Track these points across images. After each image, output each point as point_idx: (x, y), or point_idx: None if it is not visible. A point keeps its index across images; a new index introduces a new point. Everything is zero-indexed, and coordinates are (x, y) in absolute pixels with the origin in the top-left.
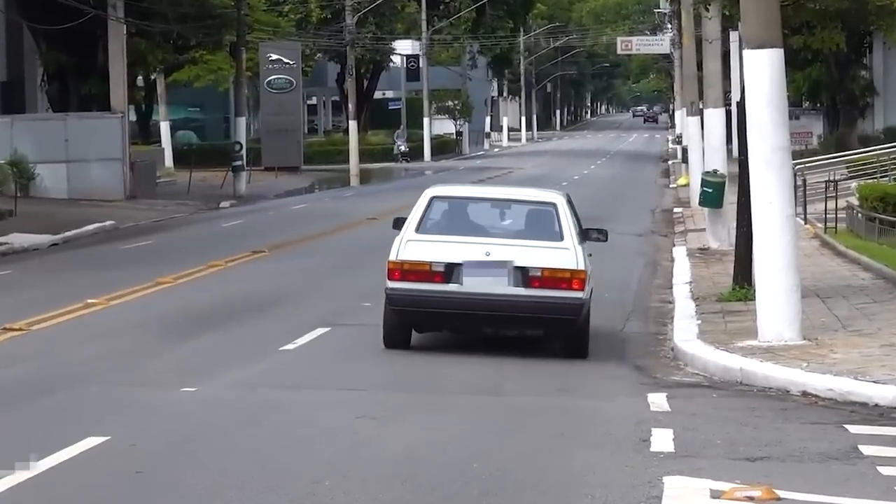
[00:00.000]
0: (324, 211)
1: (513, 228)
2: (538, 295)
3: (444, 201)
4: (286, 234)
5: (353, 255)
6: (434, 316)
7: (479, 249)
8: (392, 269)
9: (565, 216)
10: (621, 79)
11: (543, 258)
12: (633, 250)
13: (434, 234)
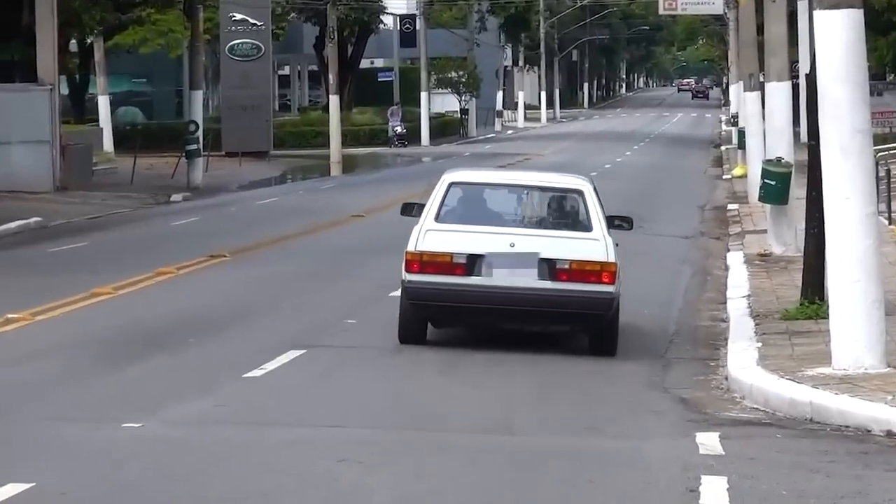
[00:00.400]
0: (298, 206)
1: (538, 217)
2: (566, 289)
3: (464, 187)
4: (252, 234)
5: (335, 261)
6: (455, 310)
7: (503, 240)
8: (410, 260)
9: (593, 204)
10: (664, 45)
11: (571, 250)
12: (677, 257)
13: (455, 224)
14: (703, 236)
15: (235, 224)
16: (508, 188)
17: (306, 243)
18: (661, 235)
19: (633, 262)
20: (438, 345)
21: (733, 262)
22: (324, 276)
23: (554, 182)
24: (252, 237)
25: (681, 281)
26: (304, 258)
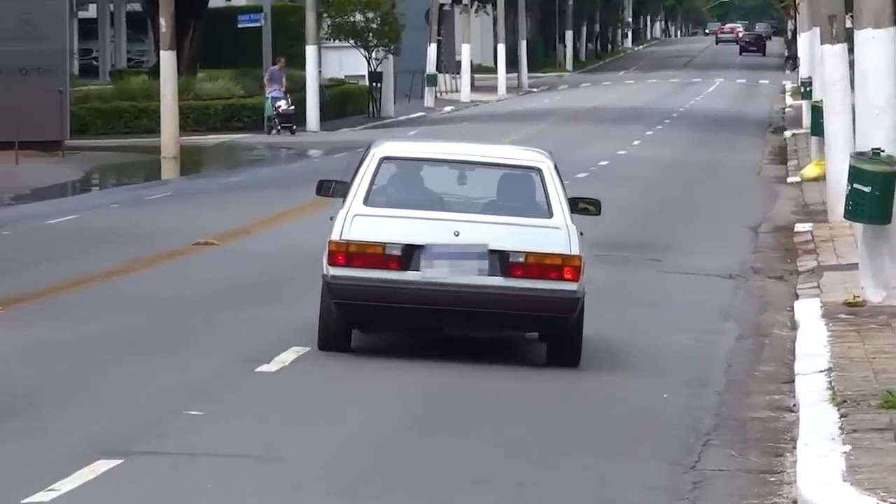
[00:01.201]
0: (112, 229)
1: (487, 200)
2: (521, 286)
3: (398, 163)
4: (37, 274)
5: (171, 318)
6: (387, 311)
7: (445, 228)
8: (335, 251)
9: (553, 185)
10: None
11: (528, 240)
12: (717, 308)
13: (388, 208)
14: (757, 275)
15: (9, 258)
16: (452, 164)
17: (124, 289)
18: (691, 273)
19: (648, 315)
20: (341, 420)
21: (804, 317)
22: (153, 342)
23: (507, 157)
24: (36, 279)
25: (722, 347)
26: (120, 313)
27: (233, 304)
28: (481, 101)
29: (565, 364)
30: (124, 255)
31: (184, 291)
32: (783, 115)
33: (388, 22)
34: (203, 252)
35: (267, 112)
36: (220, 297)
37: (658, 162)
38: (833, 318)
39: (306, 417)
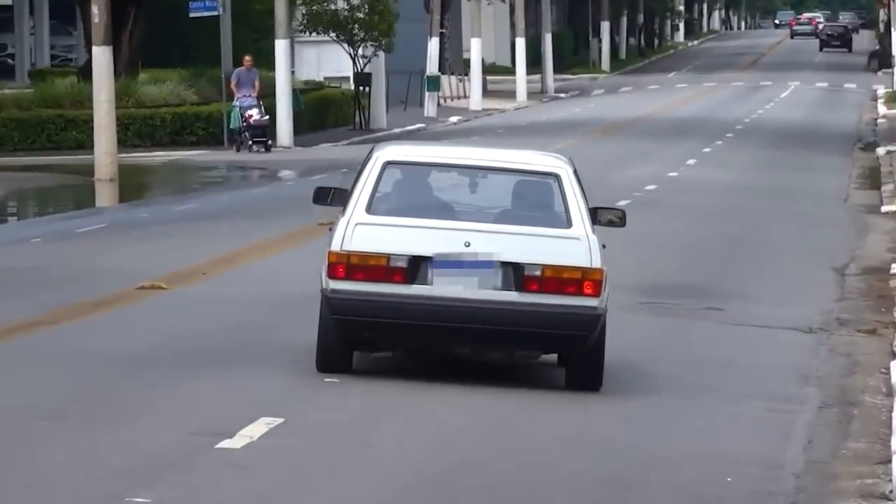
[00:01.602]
0: (30, 269)
1: (501, 208)
2: (538, 302)
3: (404, 168)
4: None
5: (105, 379)
6: (391, 328)
7: (455, 238)
8: (335, 263)
9: (573, 192)
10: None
11: (545, 251)
12: (793, 369)
13: (392, 216)
14: (844, 328)
15: None
16: (463, 170)
17: (49, 344)
18: (761, 326)
19: (707, 378)
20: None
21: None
22: (87, 411)
23: (522, 162)
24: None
25: (800, 418)
26: (45, 375)
27: (186, 363)
28: (495, 110)
29: (585, 388)
30: (50, 301)
31: (125, 347)
32: (875, 128)
33: (377, 10)
34: (149, 298)
35: (233, 124)
36: (170, 354)
37: (718, 186)
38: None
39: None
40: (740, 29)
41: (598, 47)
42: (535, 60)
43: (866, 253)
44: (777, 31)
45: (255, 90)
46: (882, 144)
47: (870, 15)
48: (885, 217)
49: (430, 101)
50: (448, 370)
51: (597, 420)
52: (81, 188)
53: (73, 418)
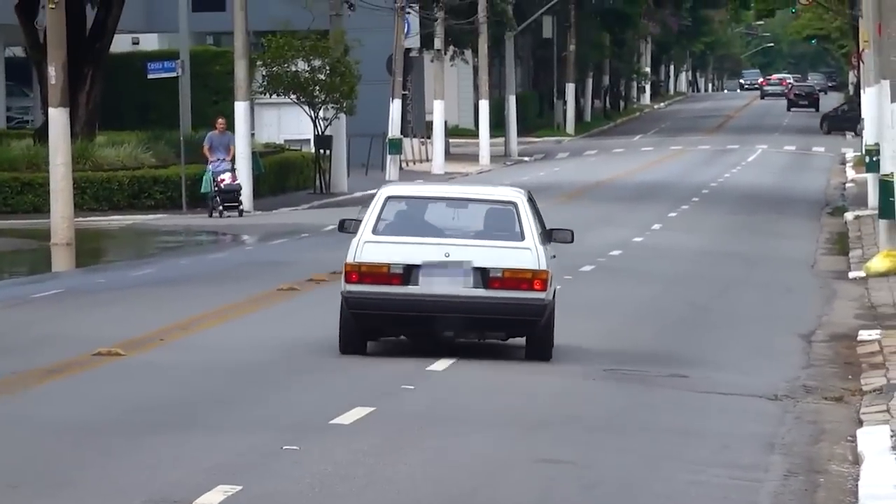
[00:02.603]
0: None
1: (472, 228)
2: (499, 296)
3: (401, 201)
4: None
5: (58, 449)
6: (392, 319)
7: (438, 250)
8: (349, 271)
9: (526, 216)
10: (730, 8)
11: (504, 258)
12: (758, 436)
13: (391, 236)
14: (811, 395)
15: None
16: (444, 201)
17: (0, 412)
18: (726, 394)
19: (671, 446)
20: None
21: (870, 449)
22: (41, 480)
23: (488, 194)
24: None
25: (765, 487)
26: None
27: (143, 430)
28: (458, 173)
29: (539, 359)
30: (4, 368)
31: (81, 414)
32: (843, 192)
33: (339, 72)
34: (105, 365)
35: (205, 188)
36: (126, 421)
37: (685, 252)
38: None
39: None
40: (707, 91)
41: (562, 109)
42: (498, 123)
43: (833, 319)
44: (744, 94)
45: (228, 154)
46: (850, 209)
47: (840, 77)
48: (853, 283)
49: (392, 164)
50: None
51: (558, 489)
52: (37, 253)
53: (28, 486)
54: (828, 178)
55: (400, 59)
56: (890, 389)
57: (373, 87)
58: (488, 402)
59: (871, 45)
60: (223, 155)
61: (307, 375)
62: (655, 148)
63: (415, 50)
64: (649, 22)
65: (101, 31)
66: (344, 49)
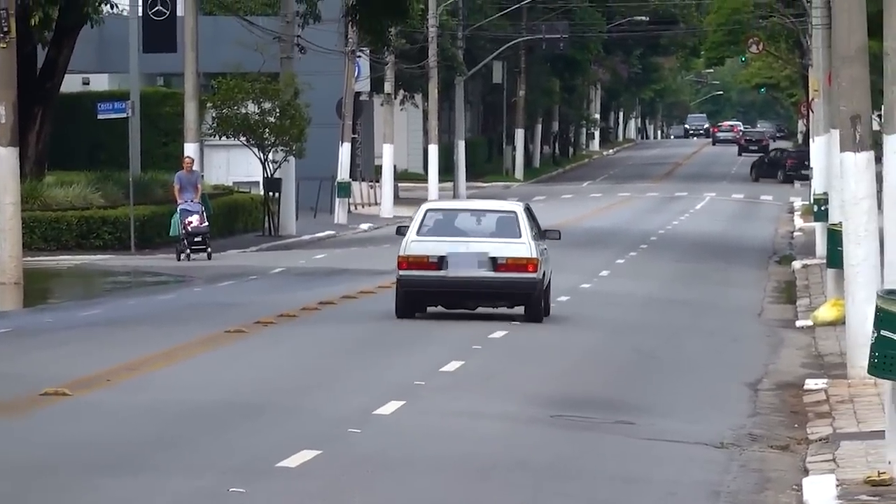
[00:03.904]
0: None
1: (486, 230)
2: (504, 276)
3: (437, 212)
4: None
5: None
6: (430, 294)
7: (462, 246)
8: (401, 261)
9: (523, 220)
10: (679, 56)
11: (507, 250)
12: (704, 484)
13: (429, 236)
14: (756, 444)
15: None
16: (467, 212)
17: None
18: (672, 441)
19: (615, 495)
20: None
21: (816, 498)
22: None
23: (497, 207)
24: None
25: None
26: None
27: (89, 471)
28: (407, 217)
29: (533, 321)
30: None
31: (26, 455)
32: (791, 241)
33: (289, 115)
34: (52, 405)
35: (173, 231)
36: (72, 463)
37: (632, 299)
38: (852, 499)
39: None
40: (656, 138)
41: (511, 155)
42: (447, 167)
43: (780, 368)
44: (692, 141)
45: (197, 193)
46: (798, 258)
47: (788, 126)
48: (800, 332)
49: (341, 207)
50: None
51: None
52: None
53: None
54: (776, 227)
55: (350, 103)
56: (836, 439)
57: (322, 131)
58: (435, 446)
59: (821, 94)
60: (191, 195)
61: (254, 418)
62: (604, 194)
63: (365, 94)
64: (599, 69)
65: (52, 70)
66: (294, 92)
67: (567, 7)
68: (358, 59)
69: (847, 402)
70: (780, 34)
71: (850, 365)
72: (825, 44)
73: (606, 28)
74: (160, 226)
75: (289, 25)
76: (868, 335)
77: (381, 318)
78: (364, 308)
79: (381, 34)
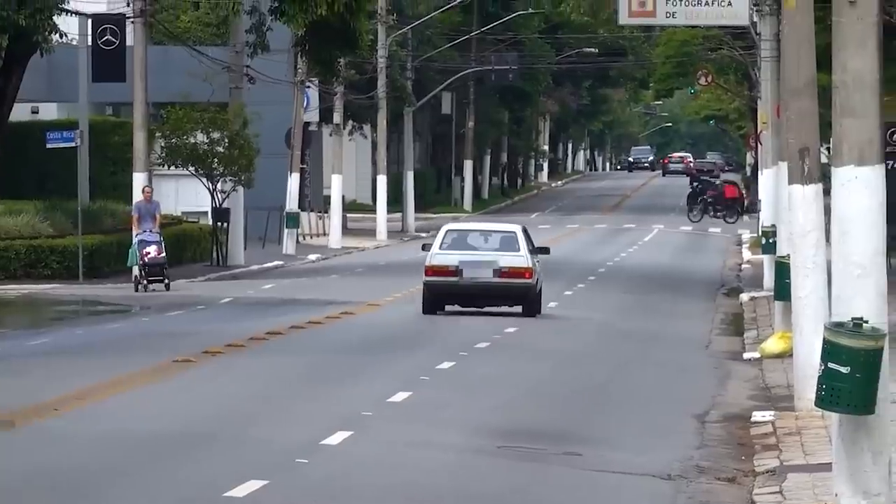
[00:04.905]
0: None
1: (493, 246)
2: (507, 281)
3: (454, 232)
4: None
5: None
6: (449, 295)
7: (475, 257)
8: (427, 269)
9: (521, 238)
10: (630, 88)
11: (509, 261)
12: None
13: (449, 250)
14: (703, 476)
15: None
16: (478, 232)
17: None
18: (619, 472)
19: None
20: None
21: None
22: None
23: (501, 228)
24: None
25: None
26: None
27: (34, 500)
28: (355, 248)
29: (529, 316)
30: None
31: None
32: (739, 273)
33: (238, 145)
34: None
35: (130, 262)
36: (18, 491)
37: (580, 330)
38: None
39: None
40: (605, 170)
41: (460, 186)
42: (396, 198)
43: (727, 400)
44: (644, 174)
45: (155, 223)
46: (745, 290)
47: (737, 158)
48: (748, 364)
49: (290, 238)
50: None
51: None
52: None
53: None
54: (724, 259)
55: (299, 133)
56: (783, 471)
57: (271, 161)
58: (383, 477)
59: (770, 126)
60: (150, 224)
61: (202, 447)
62: (553, 226)
63: (314, 124)
64: (548, 100)
65: (1, 99)
66: (243, 122)
67: (516, 38)
68: (307, 90)
69: (794, 434)
70: (728, 66)
71: (797, 397)
72: (774, 76)
73: (556, 59)
74: (108, 255)
75: (238, 55)
76: (815, 367)
77: (329, 349)
78: (312, 339)
79: (331, 65)
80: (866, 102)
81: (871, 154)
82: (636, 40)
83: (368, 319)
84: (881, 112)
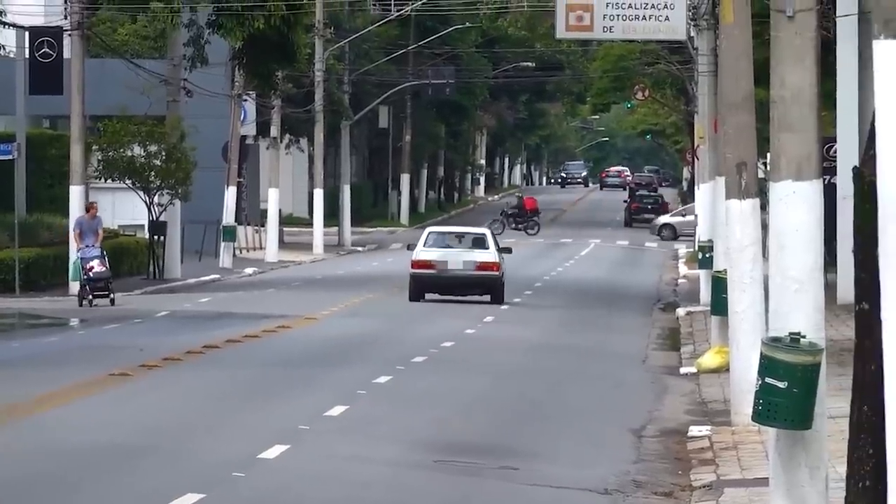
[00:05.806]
0: None
1: (467, 245)
2: (479, 273)
3: (435, 233)
4: None
5: None
6: (431, 285)
7: (454, 253)
8: (413, 263)
9: (490, 239)
10: (567, 102)
11: (481, 256)
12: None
13: (432, 248)
14: (640, 490)
15: None
16: (455, 233)
17: None
18: (555, 487)
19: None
20: None
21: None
22: None
23: (474, 230)
24: None
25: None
26: None
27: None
28: (292, 262)
29: (497, 303)
30: None
31: None
32: (675, 288)
33: (175, 158)
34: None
35: (73, 276)
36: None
37: (516, 344)
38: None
39: None
40: (542, 184)
41: (397, 200)
42: (333, 212)
43: (664, 415)
44: (580, 188)
45: (97, 239)
46: (682, 305)
47: (674, 173)
48: (684, 378)
49: (226, 251)
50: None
51: None
52: None
53: None
54: (660, 274)
55: (236, 147)
56: (720, 486)
57: (208, 174)
58: (319, 490)
59: (707, 141)
60: (92, 240)
61: (139, 460)
62: None
63: (251, 137)
64: (485, 114)
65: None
66: (180, 135)
67: (453, 53)
68: (244, 103)
69: (731, 449)
70: (665, 81)
71: (734, 412)
72: (711, 91)
73: (493, 74)
74: (45, 268)
75: (176, 69)
76: (752, 382)
77: (266, 363)
78: (248, 352)
79: (268, 78)
80: (805, 117)
81: (809, 169)
82: (573, 55)
83: (305, 333)
84: (819, 127)
